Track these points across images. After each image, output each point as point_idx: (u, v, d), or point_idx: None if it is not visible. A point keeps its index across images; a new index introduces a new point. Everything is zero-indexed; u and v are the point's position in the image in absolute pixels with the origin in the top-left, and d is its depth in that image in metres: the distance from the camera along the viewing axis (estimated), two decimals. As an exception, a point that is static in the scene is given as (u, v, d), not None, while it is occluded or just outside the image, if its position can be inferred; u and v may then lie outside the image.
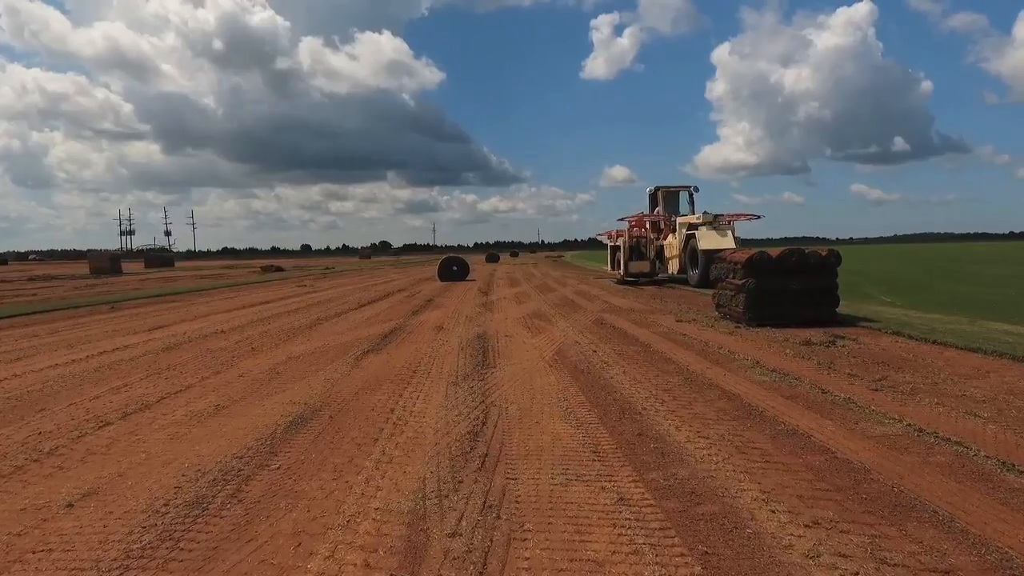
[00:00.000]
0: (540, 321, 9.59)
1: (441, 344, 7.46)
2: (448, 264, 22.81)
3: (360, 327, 9.29)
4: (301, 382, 5.48)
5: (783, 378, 5.19)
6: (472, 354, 6.72)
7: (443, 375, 5.66)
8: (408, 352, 6.93)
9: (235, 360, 6.67)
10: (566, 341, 7.51)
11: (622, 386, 5.07)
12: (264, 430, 4.03)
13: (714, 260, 9.81)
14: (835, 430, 3.76)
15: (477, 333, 8.37)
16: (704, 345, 6.98)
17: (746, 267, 8.58)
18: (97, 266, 37.33)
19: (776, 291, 8.50)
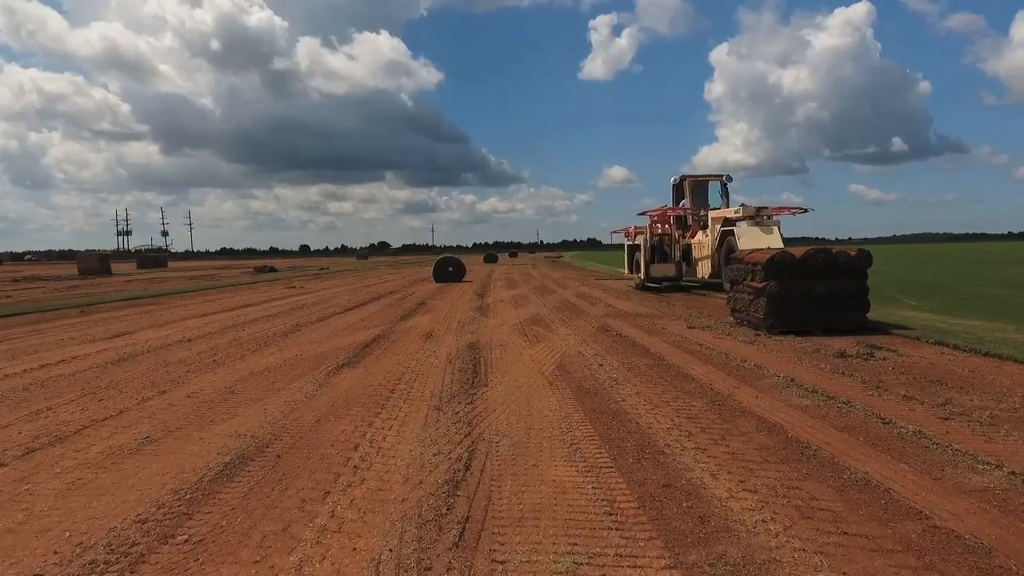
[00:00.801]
0: (539, 328, 8.75)
1: (428, 356, 6.62)
2: (444, 265, 21.98)
3: (341, 334, 8.45)
4: (256, 405, 4.64)
5: (829, 402, 4.36)
6: (462, 368, 5.88)
7: (425, 396, 4.82)
8: (389, 366, 6.08)
9: (189, 376, 5.82)
10: (568, 352, 6.67)
11: (637, 412, 4.23)
12: (190, 476, 3.19)
13: (730, 261, 8.98)
14: (918, 480, 2.92)
15: (469, 342, 7.53)
16: (725, 357, 6.14)
17: (767, 268, 7.75)
18: (86, 267, 36.44)
19: (800, 295, 7.67)
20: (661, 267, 15.08)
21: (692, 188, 16.16)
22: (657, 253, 15.16)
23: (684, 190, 16.27)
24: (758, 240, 10.97)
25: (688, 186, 16.17)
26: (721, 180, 16.23)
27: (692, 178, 16.33)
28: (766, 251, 8.34)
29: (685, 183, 16.23)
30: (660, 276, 15.15)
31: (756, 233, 11.55)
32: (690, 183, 16.18)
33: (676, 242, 15.28)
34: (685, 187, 16.23)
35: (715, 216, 13.71)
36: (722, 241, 12.79)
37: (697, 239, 14.81)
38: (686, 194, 16.19)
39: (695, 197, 16.06)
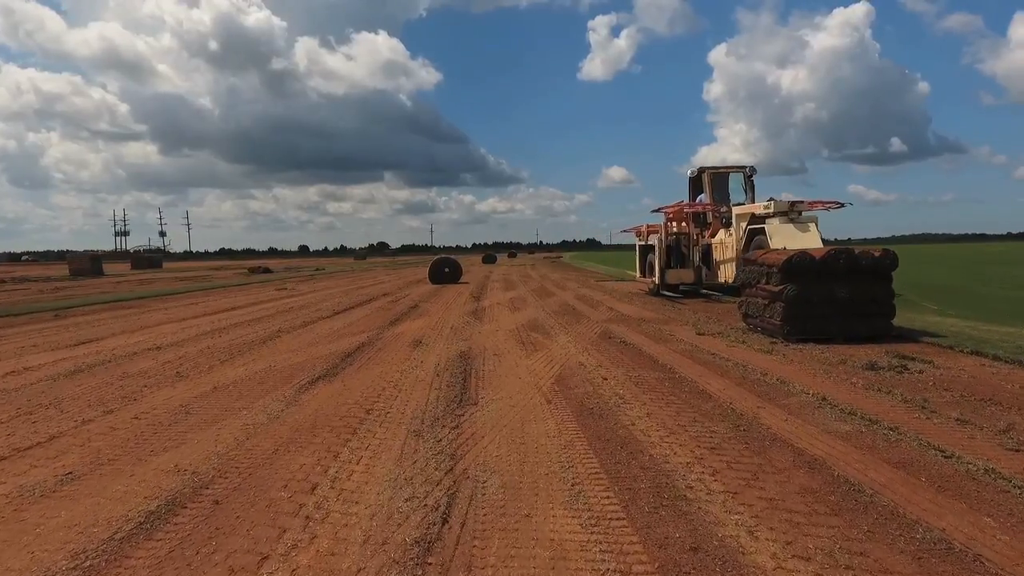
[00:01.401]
0: (537, 334, 8.14)
1: (414, 367, 6.01)
2: (439, 266, 21.37)
3: (324, 341, 7.83)
4: (209, 430, 4.02)
5: (872, 427, 3.75)
6: (450, 383, 5.27)
7: (405, 418, 4.20)
8: (369, 379, 5.47)
9: (145, 392, 5.20)
10: (568, 362, 6.06)
11: (648, 440, 3.62)
12: (100, 531, 2.58)
13: (745, 262, 8.38)
14: (1012, 542, 2.31)
15: (461, 351, 6.92)
16: (742, 369, 5.53)
17: (784, 270, 7.14)
18: (77, 268, 35.76)
19: (820, 299, 7.06)
20: (678, 272, 13.44)
21: (712, 181, 14.22)
22: (673, 255, 13.54)
23: (703, 184, 14.37)
24: (793, 240, 9.44)
25: (707, 179, 14.24)
26: (744, 172, 14.30)
27: (712, 170, 14.39)
28: (782, 252, 7.73)
29: (704, 176, 14.34)
30: (677, 282, 13.49)
31: (791, 232, 9.92)
32: (709, 176, 14.27)
33: (694, 243, 13.64)
34: (704, 180, 14.31)
35: (740, 212, 11.86)
36: (749, 240, 11.02)
37: (719, 239, 13.01)
38: (705, 188, 14.27)
39: (715, 191, 14.18)
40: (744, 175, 14.28)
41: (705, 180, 14.29)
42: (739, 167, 14.51)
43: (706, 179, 14.27)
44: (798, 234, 9.87)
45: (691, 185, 15.03)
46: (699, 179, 14.57)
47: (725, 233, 12.66)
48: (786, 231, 10.01)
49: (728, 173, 14.62)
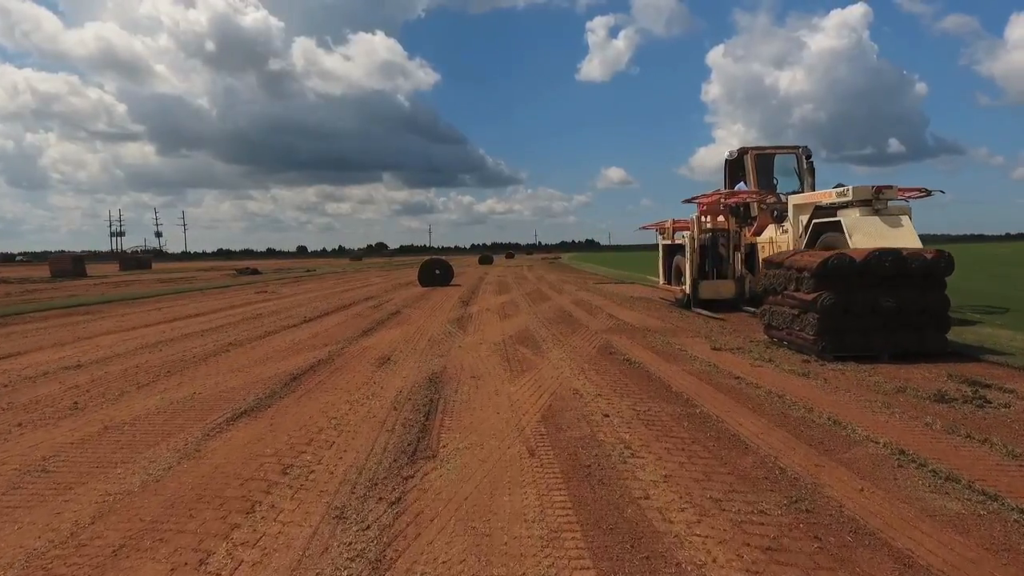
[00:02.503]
0: (526, 349, 6.99)
1: (369, 396, 4.86)
2: (430, 267, 20.23)
3: (276, 358, 6.69)
4: (50, 503, 2.87)
5: (992, 505, 2.60)
6: (408, 421, 4.12)
7: (331, 482, 3.06)
8: (306, 415, 4.32)
9: (14, 433, 4.04)
10: (560, 389, 4.91)
11: (672, 531, 2.48)
12: None
13: (768, 264, 7.21)
14: None
15: (434, 372, 5.77)
16: (779, 401, 4.39)
17: (818, 275, 6.00)
18: (58, 268, 34.59)
19: (861, 310, 5.92)
20: (715, 285, 10.61)
21: (756, 165, 11.26)
22: (709, 257, 10.83)
23: (744, 168, 11.40)
24: (882, 237, 7.06)
25: (751, 162, 11.27)
26: (797, 153, 11.33)
27: (756, 151, 11.47)
28: (814, 253, 6.58)
29: (747, 158, 11.38)
30: (714, 297, 10.47)
31: (876, 227, 7.32)
32: (754, 158, 11.33)
33: (735, 242, 10.74)
34: (747, 164, 11.32)
35: (800, 203, 8.98)
36: (813, 239, 8.29)
37: (767, 237, 10.03)
38: (747, 173, 11.28)
39: (760, 177, 11.22)
40: (797, 156, 11.34)
41: (748, 163, 11.22)
42: (791, 147, 11.55)
43: (749, 162, 11.23)
44: (887, 230, 7.25)
45: (728, 170, 11.99)
46: (739, 162, 11.60)
47: (776, 230, 9.72)
48: (870, 226, 7.35)
49: (775, 155, 11.69)
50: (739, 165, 11.60)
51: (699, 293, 10.44)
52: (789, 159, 11.45)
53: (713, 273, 10.82)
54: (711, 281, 10.69)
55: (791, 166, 11.33)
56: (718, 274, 10.83)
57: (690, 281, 10.53)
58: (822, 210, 8.38)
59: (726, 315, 9.56)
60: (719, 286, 10.62)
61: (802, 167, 11.08)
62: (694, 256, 10.58)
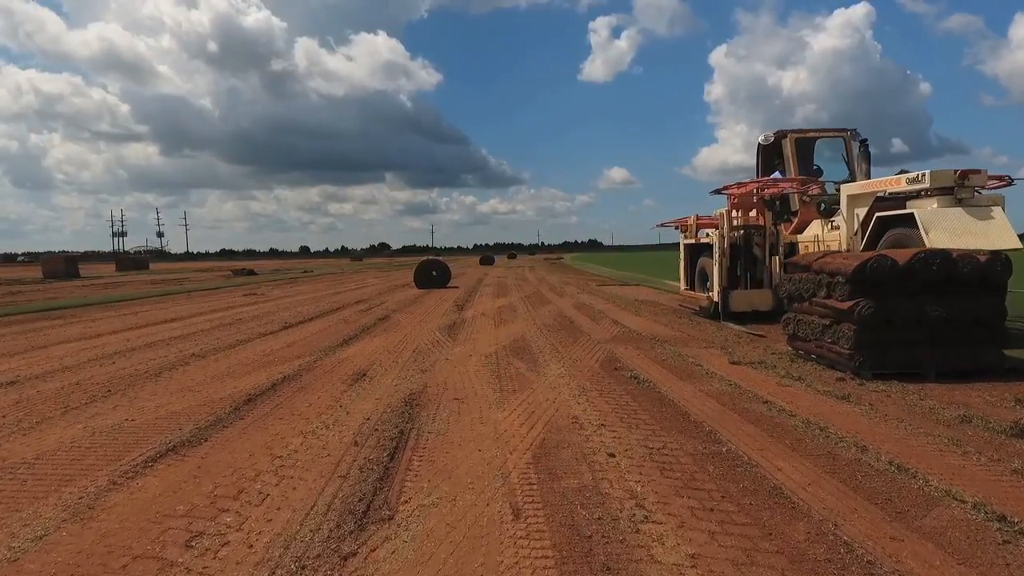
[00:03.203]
0: (520, 362, 6.23)
1: (330, 424, 4.10)
2: (427, 269, 19.48)
3: (238, 373, 5.93)
4: None
5: None
6: (369, 460, 3.36)
7: (243, 568, 2.29)
8: (249, 451, 3.56)
9: None
10: (556, 417, 4.15)
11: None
12: None
13: (792, 267, 6.42)
14: None
15: (411, 392, 5.01)
16: (821, 435, 3.62)
17: (855, 280, 5.22)
18: (50, 269, 33.90)
19: (905, 320, 5.14)
20: (748, 295, 8.85)
21: (797, 150, 9.51)
22: (741, 260, 9.01)
23: (783, 154, 9.66)
24: (968, 234, 5.72)
25: (791, 147, 9.48)
26: (845, 136, 9.54)
27: (797, 135, 9.60)
28: (849, 255, 5.79)
29: (785, 142, 9.57)
30: (748, 308, 8.77)
31: (961, 221, 5.86)
32: (794, 142, 9.51)
33: (772, 244, 8.90)
34: (785, 149, 9.57)
35: (857, 193, 7.31)
36: (876, 236, 6.60)
37: (812, 234, 8.51)
38: (787, 160, 9.58)
39: (801, 166, 9.52)
40: (846, 140, 9.53)
41: (787, 148, 9.51)
42: (837, 130, 9.72)
43: (789, 147, 9.49)
44: (974, 225, 5.80)
45: (762, 157, 10.27)
46: (776, 147, 9.84)
47: (823, 226, 8.19)
48: (953, 220, 5.87)
49: (818, 139, 9.87)
50: (775, 151, 9.86)
51: (729, 304, 8.73)
52: (835, 144, 9.74)
53: (746, 279, 9.04)
54: (744, 291, 8.93)
55: (838, 152, 9.71)
56: (752, 280, 9.07)
57: (719, 289, 8.82)
58: (886, 201, 6.78)
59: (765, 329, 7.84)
60: (753, 296, 8.87)
61: (851, 153, 9.27)
62: (723, 258, 8.81)
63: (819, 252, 6.32)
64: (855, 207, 7.37)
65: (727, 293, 8.75)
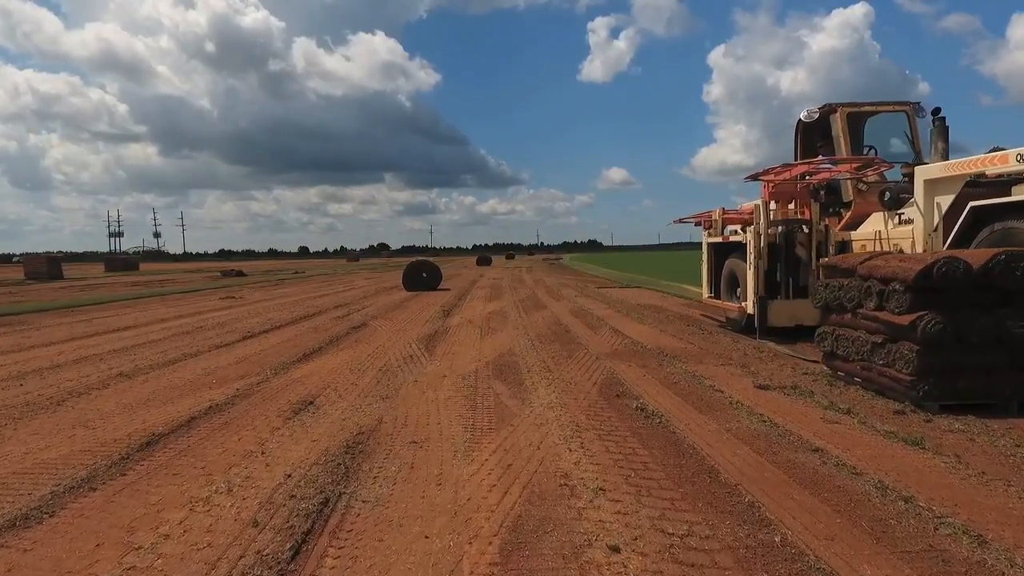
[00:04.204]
0: (503, 385, 5.18)
1: (236, 486, 3.05)
2: (416, 270, 18.43)
3: (158, 400, 4.89)
4: None
5: None
6: (262, 556, 2.32)
7: None
8: (97, 539, 2.51)
9: None
10: (541, 475, 3.10)
11: None
12: None
13: (830, 270, 5.36)
14: None
15: (360, 430, 3.97)
16: (910, 510, 2.57)
17: (918, 288, 4.18)
18: (32, 270, 32.84)
19: (981, 338, 4.10)
20: (790, 307, 7.11)
21: (849, 127, 7.61)
22: (782, 262, 7.25)
23: (833, 132, 7.77)
24: None
25: (841, 122, 7.59)
26: (908, 111, 7.69)
27: (850, 109, 7.66)
28: (907, 256, 4.73)
29: (835, 118, 7.69)
30: (791, 323, 7.07)
31: None
32: (845, 117, 7.60)
33: (818, 241, 7.05)
34: (835, 126, 7.69)
35: (938, 176, 5.75)
36: (971, 231, 5.17)
37: (872, 230, 6.70)
38: (837, 140, 7.67)
39: (854, 146, 7.69)
40: (908, 116, 7.66)
41: (838, 125, 7.60)
42: (899, 103, 7.78)
43: (840, 123, 7.57)
44: None
45: (801, 137, 8.45)
46: (822, 124, 7.90)
47: (889, 220, 6.39)
48: None
49: (874, 114, 7.84)
50: (819, 130, 8.04)
51: (768, 317, 7.06)
52: (894, 121, 7.86)
53: (787, 286, 7.28)
54: (785, 300, 7.18)
55: (896, 130, 7.90)
56: (794, 287, 7.32)
57: (755, 298, 7.15)
58: (982, 187, 5.35)
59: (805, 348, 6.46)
60: (797, 308, 7.06)
61: (915, 130, 7.64)
62: (760, 261, 7.16)
63: (866, 252, 5.25)
64: (935, 195, 5.80)
65: (765, 303, 7.07)
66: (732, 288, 8.38)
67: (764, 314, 7.10)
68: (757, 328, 7.14)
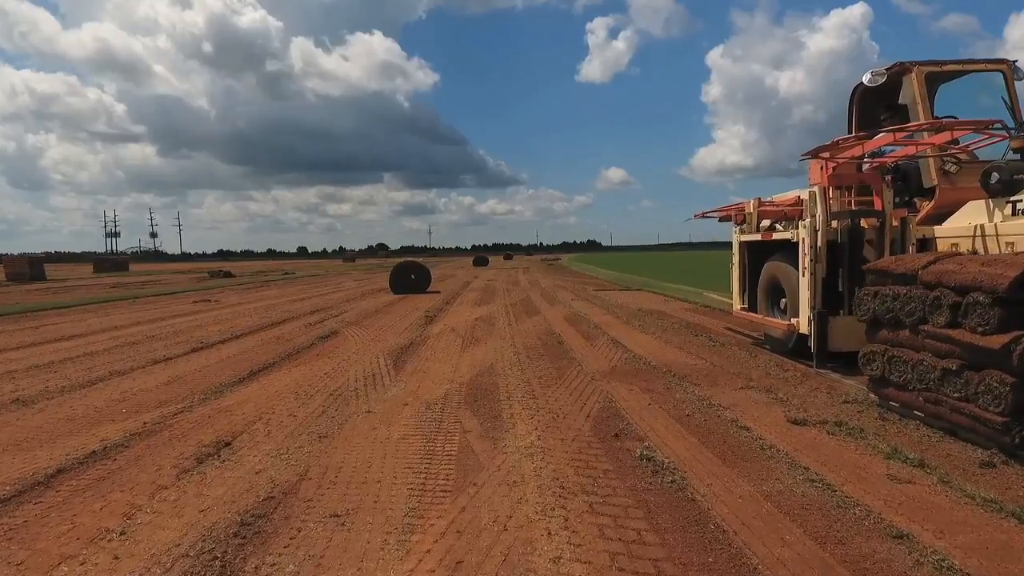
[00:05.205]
0: (475, 418, 4.17)
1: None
2: (404, 272, 17.41)
3: (47, 435, 3.88)
4: None
5: None
6: None
7: None
8: None
9: None
10: (504, 583, 2.10)
11: None
12: None
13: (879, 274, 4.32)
14: None
15: (270, 492, 2.97)
16: None
17: (1011, 300, 3.18)
18: (13, 271, 31.78)
19: (1096, 367, 3.10)
20: (858, 326, 4.57)
21: (924, 89, 5.61)
22: (845, 266, 5.47)
23: (907, 97, 5.76)
24: None
25: (917, 86, 5.60)
26: (1003, 70, 5.74)
27: (929, 68, 5.67)
28: (991, 259, 3.71)
29: (910, 80, 5.68)
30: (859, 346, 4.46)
31: None
32: (923, 79, 5.61)
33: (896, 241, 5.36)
34: (910, 89, 5.68)
35: None
36: None
37: (967, 224, 4.76)
38: (916, 105, 5.61)
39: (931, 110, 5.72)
40: (1006, 74, 5.75)
41: (913, 88, 5.65)
42: (993, 61, 5.86)
43: (915, 86, 5.63)
44: None
45: (858, 107, 6.68)
46: (889, 88, 5.93)
47: (995, 211, 4.54)
48: None
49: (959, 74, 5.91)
50: (883, 97, 6.16)
51: (830, 338, 5.33)
52: (984, 82, 5.94)
53: (850, 298, 5.36)
54: (850, 317, 5.15)
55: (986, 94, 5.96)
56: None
57: (810, 314, 5.39)
58: None
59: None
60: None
61: (1014, 95, 5.81)
62: (818, 265, 5.44)
63: (930, 253, 4.22)
64: None
65: (825, 321, 5.32)
66: (773, 299, 6.65)
67: (823, 335, 5.34)
68: (814, 354, 5.41)
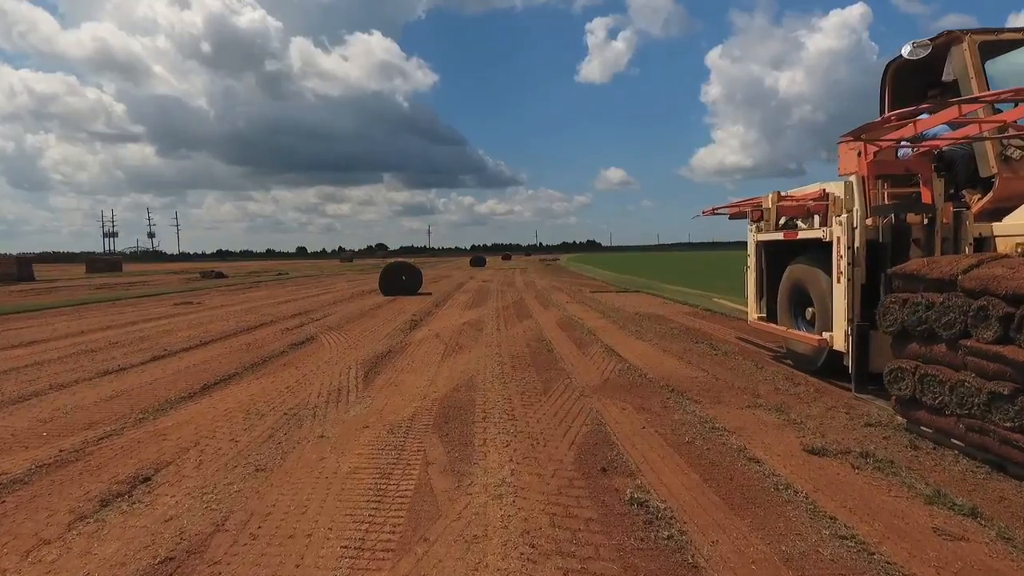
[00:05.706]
0: (443, 445, 3.60)
1: None
2: (394, 273, 16.84)
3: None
4: None
5: None
6: None
7: None
8: None
9: None
10: None
11: None
12: None
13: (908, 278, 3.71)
14: None
15: (179, 547, 2.39)
16: None
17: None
18: (1, 272, 31.22)
19: None
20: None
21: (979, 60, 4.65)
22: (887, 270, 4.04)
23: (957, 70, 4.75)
24: None
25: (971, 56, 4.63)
26: None
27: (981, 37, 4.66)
28: None
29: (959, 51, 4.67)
30: None
31: None
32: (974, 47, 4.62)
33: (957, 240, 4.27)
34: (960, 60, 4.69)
35: None
36: None
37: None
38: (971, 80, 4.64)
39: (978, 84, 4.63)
40: None
41: (965, 59, 4.66)
42: None
43: (968, 56, 4.64)
44: None
45: (891, 86, 5.65)
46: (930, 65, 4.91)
47: None
48: None
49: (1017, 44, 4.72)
50: (927, 71, 5.13)
51: (871, 355, 4.37)
52: None
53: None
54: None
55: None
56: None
57: (847, 328, 4.50)
58: None
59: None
60: None
61: None
62: (855, 270, 4.52)
63: (972, 256, 3.64)
64: None
65: (866, 335, 4.36)
66: (797, 308, 5.70)
67: (864, 352, 4.38)
68: (852, 375, 4.48)
